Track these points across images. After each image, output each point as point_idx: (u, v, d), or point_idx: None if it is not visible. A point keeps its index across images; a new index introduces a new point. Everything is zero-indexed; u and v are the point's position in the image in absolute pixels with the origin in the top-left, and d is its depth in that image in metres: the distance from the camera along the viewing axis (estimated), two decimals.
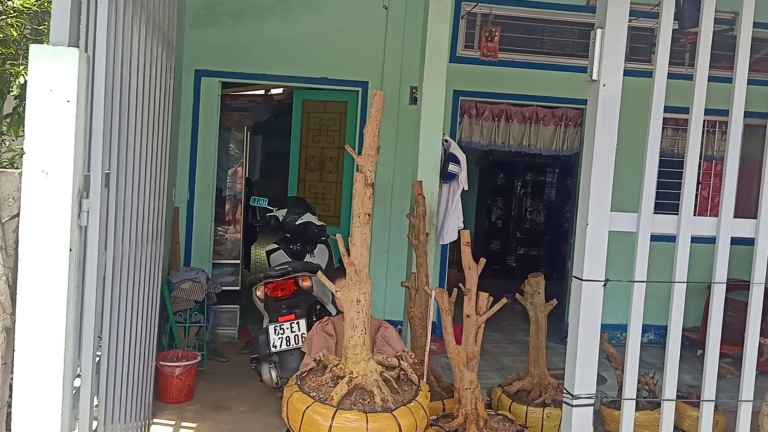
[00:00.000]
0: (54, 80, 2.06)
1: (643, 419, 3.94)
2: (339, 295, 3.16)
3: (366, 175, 3.20)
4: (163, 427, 4.12)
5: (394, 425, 2.77)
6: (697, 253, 2.79)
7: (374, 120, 3.21)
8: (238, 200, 8.07)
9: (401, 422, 2.78)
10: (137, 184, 2.97)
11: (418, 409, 2.90)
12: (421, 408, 2.92)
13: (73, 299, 2.16)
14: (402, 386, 3.11)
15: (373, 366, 3.07)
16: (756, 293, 2.49)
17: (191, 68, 6.06)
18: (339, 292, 3.15)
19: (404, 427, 2.78)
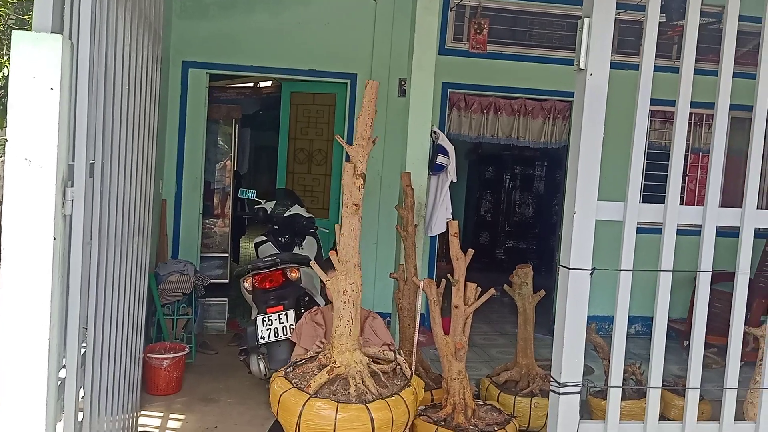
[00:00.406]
0: (37, 67, 2.03)
1: (630, 408, 3.97)
2: (329, 285, 3.17)
3: (356, 165, 3.20)
4: (151, 419, 4.11)
5: (365, 417, 2.77)
6: (683, 246, 2.81)
7: (366, 110, 3.19)
8: (227, 193, 8.03)
9: (374, 415, 2.78)
10: (123, 174, 2.94)
11: (398, 404, 2.89)
12: (403, 403, 2.91)
13: (57, 289, 2.14)
14: (393, 380, 3.11)
15: (359, 357, 3.07)
16: (741, 282, 2.50)
17: (178, 59, 6.02)
18: (329, 282, 3.16)
19: (378, 420, 2.78)
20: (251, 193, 5.85)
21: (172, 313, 5.23)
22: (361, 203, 3.20)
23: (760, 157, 2.50)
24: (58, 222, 2.12)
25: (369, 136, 3.22)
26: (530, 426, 4.16)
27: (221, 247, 7.68)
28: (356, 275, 3.14)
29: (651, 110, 2.39)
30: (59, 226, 2.13)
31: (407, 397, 2.97)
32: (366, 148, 3.23)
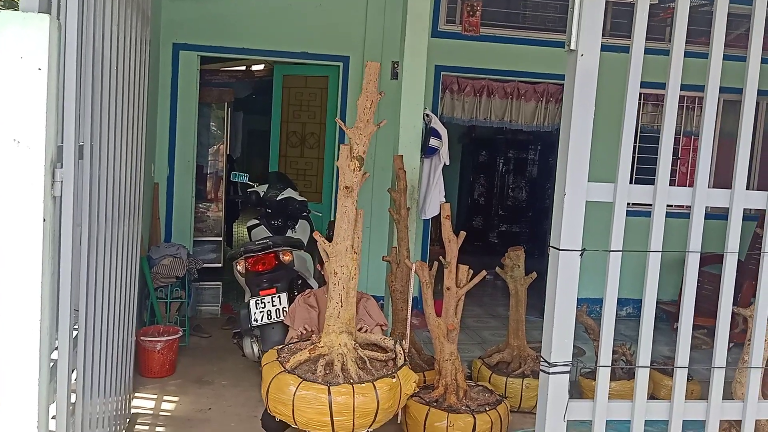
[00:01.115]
0: (24, 47, 2.01)
1: (620, 389, 4.02)
2: (326, 265, 3.19)
3: (351, 148, 3.20)
4: (145, 401, 4.13)
5: (324, 399, 2.84)
6: (674, 229, 2.83)
7: (365, 92, 3.19)
8: (220, 177, 8.01)
9: (334, 399, 2.85)
10: (113, 156, 2.93)
11: (366, 391, 2.91)
12: (373, 392, 2.92)
13: (48, 271, 2.14)
14: (382, 369, 3.11)
15: (344, 340, 3.09)
16: (730, 262, 2.52)
17: (169, 41, 5.97)
18: (326, 263, 3.19)
19: (337, 404, 2.85)
20: (244, 176, 5.83)
21: (166, 297, 5.23)
22: (355, 186, 3.20)
23: (749, 138, 2.51)
24: (48, 203, 2.11)
25: (369, 119, 3.21)
26: (521, 406, 4.21)
27: (214, 231, 7.67)
28: (347, 258, 3.15)
29: (643, 93, 2.40)
30: (49, 208, 2.12)
31: (381, 387, 2.96)
32: (364, 131, 3.22)
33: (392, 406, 3.04)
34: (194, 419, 3.92)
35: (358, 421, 2.90)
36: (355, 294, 3.22)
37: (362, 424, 2.93)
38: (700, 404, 2.60)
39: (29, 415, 2.13)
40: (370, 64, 3.17)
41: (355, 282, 3.21)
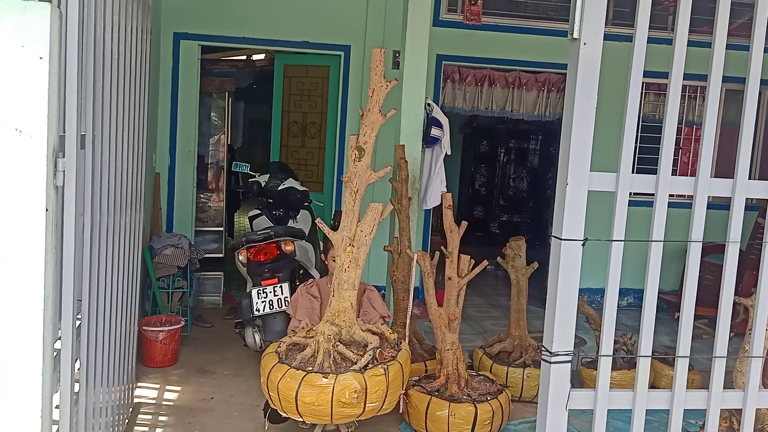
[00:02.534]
0: (25, 36, 2.00)
1: (621, 378, 4.03)
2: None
3: (357, 137, 3.22)
4: (148, 390, 4.15)
5: (293, 384, 2.99)
6: (676, 219, 2.83)
7: (371, 80, 3.19)
8: (221, 167, 8.00)
9: (304, 386, 2.96)
10: (114, 146, 2.92)
11: (338, 382, 2.94)
12: (342, 383, 2.95)
13: (51, 260, 2.14)
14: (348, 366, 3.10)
15: (326, 330, 3.13)
16: (731, 252, 2.52)
17: (169, 31, 5.95)
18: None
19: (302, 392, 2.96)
20: (245, 166, 5.83)
21: (167, 287, 5.24)
22: (353, 176, 3.20)
23: (752, 127, 2.50)
24: (50, 193, 2.11)
25: (371, 108, 3.19)
26: (522, 396, 4.22)
27: (216, 221, 7.68)
28: (340, 249, 3.15)
29: (645, 82, 2.39)
30: (51, 198, 2.12)
31: (347, 381, 2.94)
32: (366, 120, 3.21)
33: (343, 400, 2.97)
34: (197, 409, 3.94)
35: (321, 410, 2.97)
36: (351, 286, 3.19)
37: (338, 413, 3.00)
38: (701, 393, 2.61)
39: (33, 404, 2.14)
40: (375, 51, 3.15)
41: (349, 275, 3.18)
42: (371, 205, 3.13)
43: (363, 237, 3.13)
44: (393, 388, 3.08)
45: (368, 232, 3.12)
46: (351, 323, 3.18)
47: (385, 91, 3.19)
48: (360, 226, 3.14)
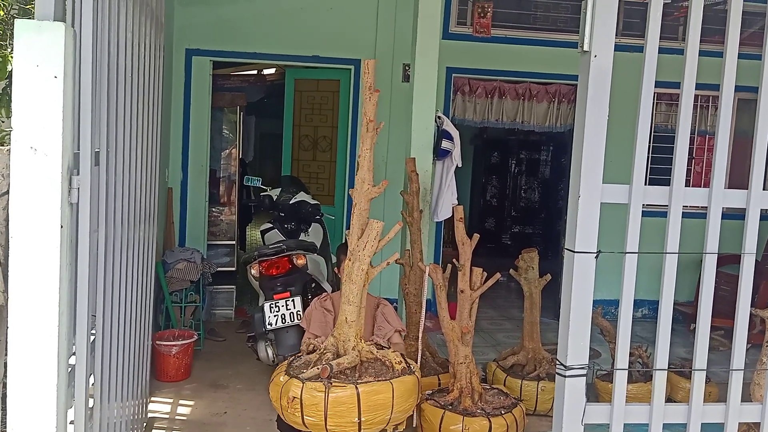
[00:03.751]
0: (40, 55, 2.03)
1: (637, 391, 3.99)
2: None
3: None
4: (161, 405, 4.15)
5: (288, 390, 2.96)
6: (690, 229, 2.80)
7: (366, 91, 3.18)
8: (233, 181, 8.04)
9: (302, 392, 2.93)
10: (128, 162, 2.95)
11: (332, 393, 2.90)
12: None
13: (65, 276, 2.16)
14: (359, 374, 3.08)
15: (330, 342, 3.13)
16: (747, 263, 2.50)
17: (182, 47, 6.01)
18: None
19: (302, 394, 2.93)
20: (257, 180, 5.86)
21: (180, 301, 5.26)
22: (353, 193, 3.22)
23: (766, 137, 2.48)
24: (65, 210, 2.13)
25: (368, 121, 3.18)
26: (537, 409, 4.18)
27: (228, 235, 7.70)
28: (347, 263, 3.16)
29: (657, 93, 2.38)
30: (66, 214, 2.14)
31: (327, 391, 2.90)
32: (365, 136, 3.21)
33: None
34: (210, 423, 3.94)
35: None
36: (346, 300, 3.13)
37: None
38: (719, 407, 2.58)
39: (48, 419, 2.16)
40: (364, 62, 3.15)
41: (349, 287, 3.14)
42: (370, 223, 3.09)
43: (358, 252, 3.09)
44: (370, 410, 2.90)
45: (362, 248, 3.08)
46: (347, 337, 3.13)
47: (369, 104, 3.18)
48: (358, 241, 3.12)
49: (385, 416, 2.94)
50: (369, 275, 3.10)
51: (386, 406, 2.91)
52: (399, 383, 2.99)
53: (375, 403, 2.90)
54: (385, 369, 3.09)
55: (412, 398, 3.07)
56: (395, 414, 2.97)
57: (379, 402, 2.91)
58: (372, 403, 2.89)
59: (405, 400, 3.00)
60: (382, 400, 2.91)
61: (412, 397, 3.07)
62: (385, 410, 2.92)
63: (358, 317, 3.11)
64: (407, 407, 3.07)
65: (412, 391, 3.05)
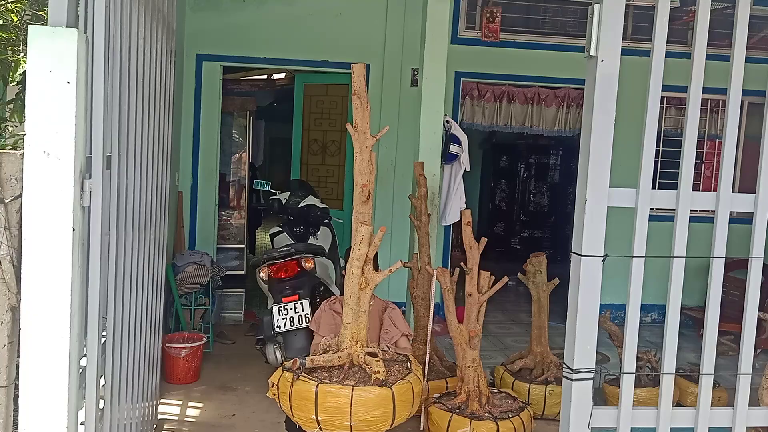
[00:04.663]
0: (53, 61, 2.06)
1: (645, 396, 3.97)
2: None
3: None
4: (171, 407, 4.18)
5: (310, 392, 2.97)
6: (699, 233, 2.80)
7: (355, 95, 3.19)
8: (242, 185, 8.07)
9: None
10: (139, 166, 2.98)
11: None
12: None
13: (77, 279, 2.19)
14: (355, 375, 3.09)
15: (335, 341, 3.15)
16: (754, 268, 2.49)
17: (192, 52, 6.06)
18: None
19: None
20: (266, 184, 5.89)
21: (190, 304, 5.30)
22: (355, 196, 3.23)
23: None
24: (77, 213, 2.16)
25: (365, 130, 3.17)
26: (545, 413, 4.18)
27: (237, 239, 7.74)
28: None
29: (666, 97, 2.39)
30: (78, 218, 2.17)
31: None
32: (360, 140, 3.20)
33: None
34: (219, 425, 3.96)
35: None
36: (352, 303, 3.15)
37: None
38: (727, 411, 2.57)
39: (59, 420, 2.18)
40: (354, 67, 3.16)
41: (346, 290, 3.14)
42: (358, 228, 3.09)
43: (353, 257, 3.11)
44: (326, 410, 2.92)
45: (353, 252, 3.11)
46: (342, 338, 3.15)
47: (358, 111, 3.17)
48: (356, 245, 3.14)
49: (343, 421, 2.88)
50: (369, 280, 3.09)
51: (343, 411, 2.86)
52: (362, 392, 2.90)
53: (331, 404, 2.88)
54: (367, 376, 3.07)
55: (378, 411, 2.91)
56: (356, 422, 2.88)
57: (334, 405, 2.87)
58: (328, 404, 2.89)
59: (366, 411, 2.88)
60: (337, 404, 2.87)
61: (378, 410, 2.91)
62: (342, 415, 2.88)
63: (355, 320, 3.11)
64: (371, 419, 2.92)
65: (377, 404, 2.90)
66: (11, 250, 2.26)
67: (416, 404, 3.14)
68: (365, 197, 3.13)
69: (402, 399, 2.96)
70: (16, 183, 2.27)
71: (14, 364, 2.39)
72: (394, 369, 3.15)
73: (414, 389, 3.08)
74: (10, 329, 2.32)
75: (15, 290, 2.27)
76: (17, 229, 2.28)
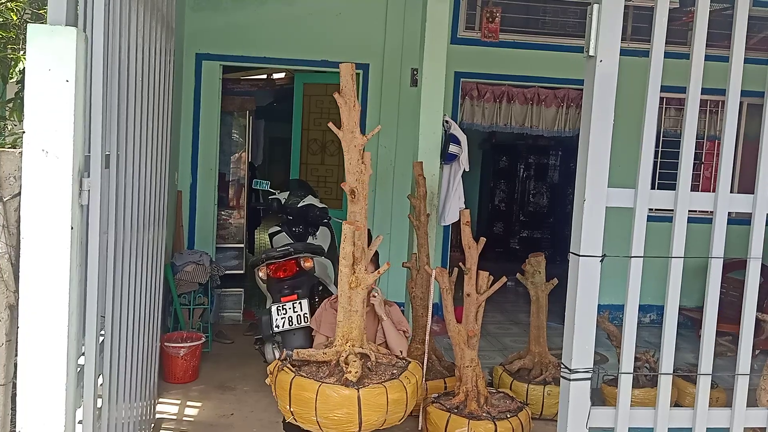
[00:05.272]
0: (52, 60, 2.06)
1: (643, 396, 3.98)
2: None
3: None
4: (169, 406, 4.18)
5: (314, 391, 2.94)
6: (698, 234, 2.80)
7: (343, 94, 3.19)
8: (242, 185, 8.08)
9: None
10: (138, 165, 2.98)
11: None
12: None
13: (75, 277, 2.19)
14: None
15: None
16: (753, 268, 2.50)
17: (192, 52, 6.06)
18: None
19: None
20: (265, 184, 5.89)
21: (189, 303, 5.30)
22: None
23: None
24: (76, 212, 2.16)
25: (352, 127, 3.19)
26: (543, 414, 4.18)
27: (236, 238, 7.74)
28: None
29: (666, 97, 2.40)
30: (76, 216, 2.17)
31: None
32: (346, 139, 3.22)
33: None
34: (217, 425, 3.96)
35: None
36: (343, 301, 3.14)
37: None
38: (725, 412, 2.58)
39: (57, 419, 2.18)
40: (343, 66, 3.16)
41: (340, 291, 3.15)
42: (343, 227, 3.13)
43: (340, 257, 3.14)
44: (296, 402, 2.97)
45: (340, 251, 3.11)
46: (336, 337, 3.17)
47: (344, 109, 3.18)
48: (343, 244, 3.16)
49: (310, 415, 2.90)
50: (360, 280, 3.09)
51: (309, 406, 2.89)
52: (327, 389, 2.89)
53: (300, 397, 2.93)
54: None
55: (342, 411, 2.88)
56: (321, 419, 2.89)
57: (303, 398, 2.91)
58: (298, 396, 2.94)
59: (329, 409, 2.87)
60: (305, 398, 2.90)
61: (341, 411, 2.87)
62: (309, 409, 2.90)
63: (346, 319, 3.12)
64: (335, 418, 2.89)
65: (340, 404, 2.87)
66: (9, 249, 2.26)
67: (395, 411, 2.99)
68: (351, 197, 3.17)
69: (370, 403, 2.88)
70: (14, 181, 2.27)
71: (12, 362, 2.39)
72: (381, 372, 3.10)
73: (391, 395, 2.94)
74: (8, 328, 2.32)
75: (13, 288, 2.27)
76: (16, 227, 2.28)
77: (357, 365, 2.98)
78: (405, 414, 3.07)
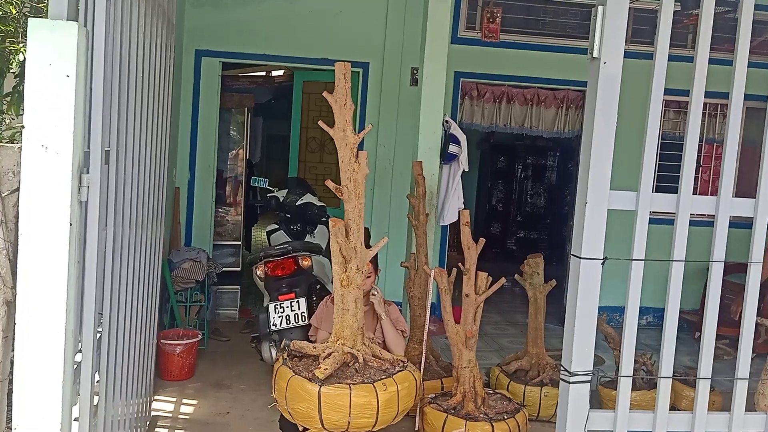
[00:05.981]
0: (53, 54, 2.05)
1: (641, 399, 3.97)
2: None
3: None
4: (165, 404, 4.17)
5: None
6: (697, 237, 2.80)
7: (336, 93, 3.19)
8: (239, 182, 8.07)
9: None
10: (137, 162, 2.97)
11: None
12: None
13: (73, 274, 2.17)
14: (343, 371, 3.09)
15: None
16: (753, 272, 2.49)
17: (192, 48, 6.04)
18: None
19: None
20: (263, 181, 5.87)
21: (185, 300, 5.28)
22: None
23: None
24: (74, 208, 2.14)
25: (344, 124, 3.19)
26: (540, 415, 4.18)
27: (234, 236, 7.73)
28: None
29: (665, 100, 2.39)
30: (75, 212, 2.15)
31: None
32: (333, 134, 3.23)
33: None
34: (213, 423, 3.94)
35: None
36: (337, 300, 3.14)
37: None
38: (723, 416, 2.57)
39: (53, 415, 2.17)
40: (338, 65, 3.15)
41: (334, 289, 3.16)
42: (330, 224, 3.11)
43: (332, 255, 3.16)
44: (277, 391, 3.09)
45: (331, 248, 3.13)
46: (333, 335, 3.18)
47: (336, 107, 3.18)
48: None
49: (283, 403, 3.04)
50: (351, 279, 3.08)
51: (281, 393, 3.02)
52: (296, 381, 2.95)
53: (278, 386, 3.06)
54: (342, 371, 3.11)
55: (302, 405, 2.92)
56: (290, 408, 2.98)
57: (279, 387, 3.04)
58: (276, 385, 3.08)
59: (294, 401, 2.93)
60: (280, 386, 3.02)
61: (302, 404, 2.91)
62: (281, 396, 3.03)
63: (340, 318, 3.11)
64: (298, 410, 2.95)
65: (301, 398, 2.91)
66: (8, 244, 2.24)
67: (359, 415, 2.92)
68: (339, 195, 3.19)
69: (331, 402, 2.87)
70: (13, 177, 2.25)
71: (8, 359, 2.37)
72: (367, 374, 3.05)
73: (355, 398, 2.89)
74: (5, 324, 2.31)
75: (11, 284, 2.26)
76: (14, 223, 2.26)
77: (329, 363, 2.99)
78: (375, 421, 2.96)
